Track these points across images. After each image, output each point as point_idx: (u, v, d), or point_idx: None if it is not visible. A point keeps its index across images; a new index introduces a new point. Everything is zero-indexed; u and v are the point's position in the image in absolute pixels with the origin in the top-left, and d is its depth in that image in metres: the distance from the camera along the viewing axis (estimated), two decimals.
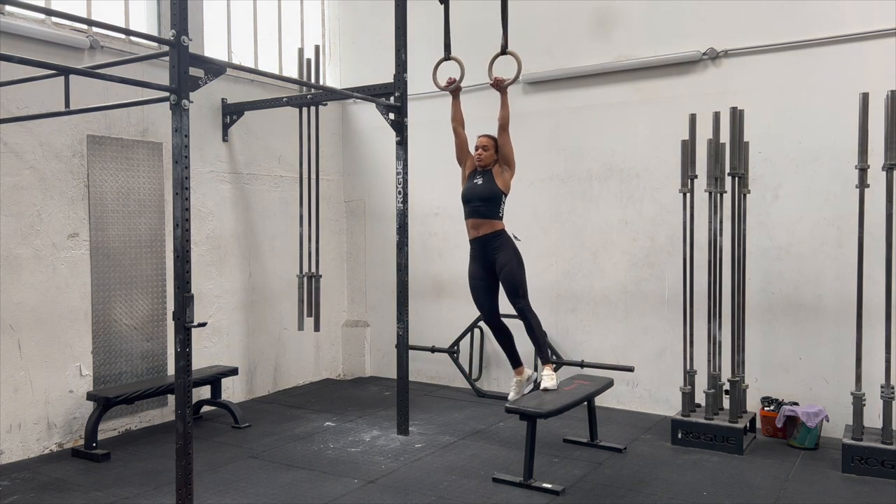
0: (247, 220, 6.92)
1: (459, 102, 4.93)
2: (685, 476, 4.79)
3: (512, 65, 4.83)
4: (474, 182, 4.72)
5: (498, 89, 4.71)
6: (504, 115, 4.64)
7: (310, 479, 4.75)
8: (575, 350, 6.69)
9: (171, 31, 3.84)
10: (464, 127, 4.94)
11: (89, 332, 5.59)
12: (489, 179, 4.65)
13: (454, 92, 4.93)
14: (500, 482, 4.67)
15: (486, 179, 4.66)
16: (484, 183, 4.66)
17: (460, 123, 4.92)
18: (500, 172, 4.67)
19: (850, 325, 5.13)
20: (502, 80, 4.69)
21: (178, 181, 3.88)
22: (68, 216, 5.45)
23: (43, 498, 4.46)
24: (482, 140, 4.76)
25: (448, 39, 4.91)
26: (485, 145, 4.72)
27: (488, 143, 4.73)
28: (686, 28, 6.09)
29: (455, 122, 4.91)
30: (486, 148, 4.71)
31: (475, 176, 4.74)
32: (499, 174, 4.67)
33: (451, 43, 4.93)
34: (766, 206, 5.80)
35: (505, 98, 4.67)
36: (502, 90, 4.69)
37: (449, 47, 4.93)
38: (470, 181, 4.77)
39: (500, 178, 4.66)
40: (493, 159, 4.70)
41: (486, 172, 4.67)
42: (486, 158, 4.68)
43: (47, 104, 5.09)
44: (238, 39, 7.09)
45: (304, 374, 7.62)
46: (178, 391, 3.92)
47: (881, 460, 4.69)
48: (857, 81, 5.27)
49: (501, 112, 4.65)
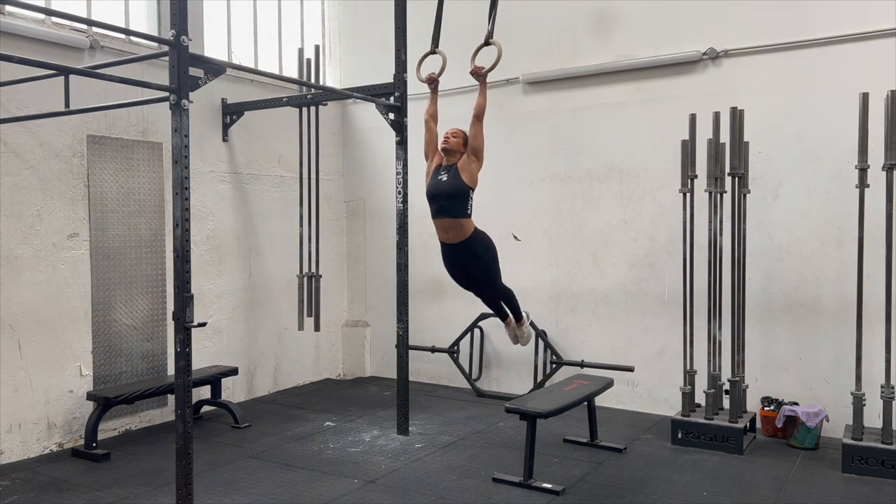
0: (247, 220, 6.92)
1: (437, 98, 4.90)
2: (685, 476, 4.79)
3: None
4: (439, 178, 4.58)
5: (477, 78, 4.65)
6: (480, 103, 4.55)
7: (310, 479, 4.75)
8: (575, 350, 6.69)
9: (171, 31, 3.85)
10: (436, 123, 4.88)
11: (89, 332, 5.59)
12: (454, 175, 4.51)
13: (433, 87, 4.90)
14: (500, 482, 4.67)
15: (451, 175, 4.52)
16: (449, 178, 4.52)
17: (434, 118, 4.85)
18: (465, 166, 4.52)
19: (850, 325, 5.13)
20: (481, 68, 4.64)
21: (178, 181, 3.88)
22: (68, 216, 5.45)
23: (43, 498, 4.46)
24: (452, 130, 4.69)
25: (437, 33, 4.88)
26: (454, 133, 4.62)
27: (458, 132, 4.65)
28: (686, 28, 6.09)
29: (428, 115, 4.84)
30: (456, 136, 4.62)
31: (440, 172, 4.60)
32: (464, 168, 4.52)
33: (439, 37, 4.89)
34: (766, 206, 5.80)
35: (483, 87, 4.61)
36: (481, 78, 4.63)
37: (437, 41, 4.89)
38: (434, 177, 4.63)
39: (465, 173, 4.51)
40: (459, 147, 4.60)
41: (451, 168, 4.53)
42: (453, 144, 4.55)
43: (47, 104, 5.09)
44: (238, 39, 7.09)
45: (304, 374, 7.62)
46: (178, 391, 3.92)
47: (881, 460, 4.69)
48: (857, 81, 5.27)
49: (478, 100, 4.56)
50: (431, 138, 4.79)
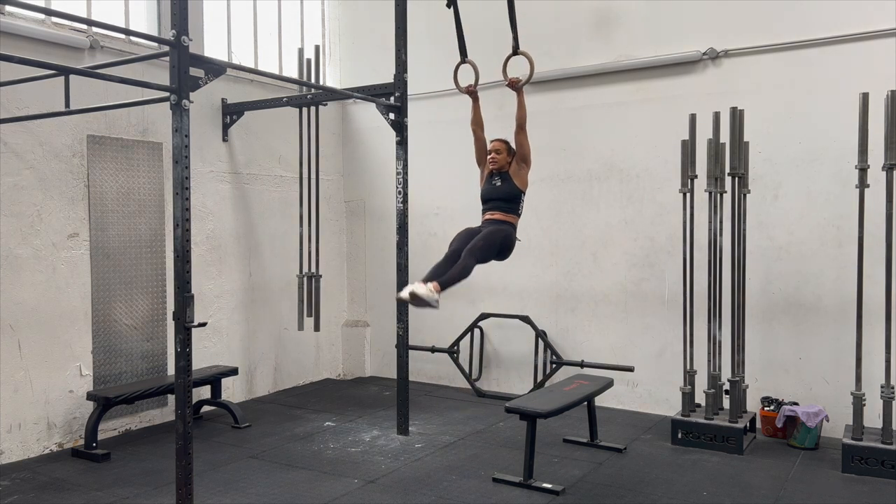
0: (247, 220, 6.92)
1: (479, 106, 4.97)
2: (685, 476, 4.79)
3: (523, 64, 4.83)
4: (493, 184, 4.81)
5: (514, 89, 4.75)
6: (521, 114, 4.72)
7: (310, 479, 4.75)
8: (575, 350, 6.69)
9: (171, 31, 3.85)
10: (483, 130, 4.97)
11: (89, 332, 5.59)
12: (507, 180, 4.77)
13: (473, 96, 4.95)
14: (500, 482, 4.67)
15: (504, 180, 4.78)
16: (503, 184, 4.77)
17: (480, 126, 4.98)
18: (516, 172, 4.79)
19: (850, 325, 5.13)
20: (517, 80, 4.74)
21: (178, 181, 3.88)
22: (68, 216, 5.45)
23: (43, 498, 4.46)
24: (495, 144, 4.85)
25: (462, 42, 4.93)
26: (497, 149, 4.81)
27: (500, 146, 4.82)
28: (686, 28, 6.09)
29: (475, 124, 4.98)
30: (499, 151, 4.80)
31: (493, 177, 4.82)
32: (516, 174, 4.78)
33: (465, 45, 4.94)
34: (766, 206, 5.80)
35: (521, 98, 4.73)
36: (518, 90, 4.73)
37: (464, 50, 4.95)
38: (488, 182, 4.85)
39: (517, 178, 4.78)
40: (506, 161, 4.78)
41: (503, 174, 4.78)
42: (500, 161, 4.78)
43: (47, 104, 5.09)
44: (238, 39, 7.09)
45: (304, 374, 7.62)
46: (178, 391, 3.92)
47: (881, 460, 4.69)
48: (857, 81, 5.27)
49: (518, 112, 4.72)
50: (480, 146, 4.98)
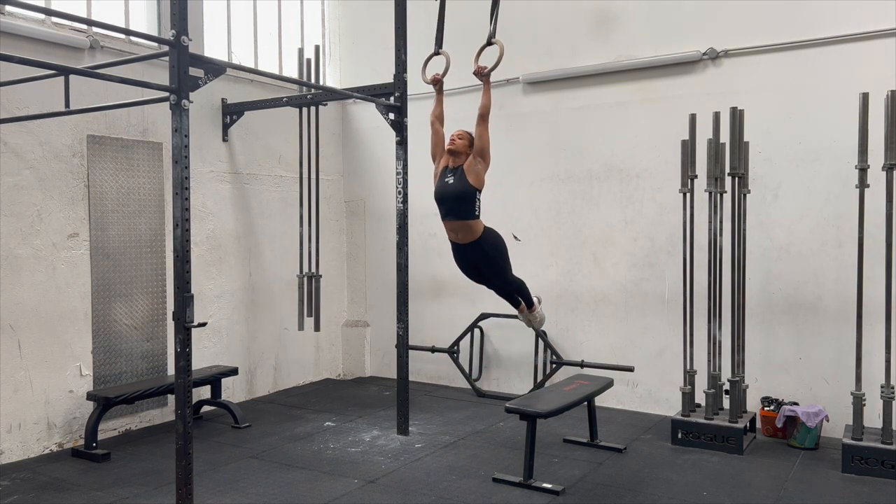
0: (247, 220, 6.92)
1: (442, 98, 4.90)
2: (685, 476, 4.79)
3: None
4: (445, 181, 4.60)
5: (480, 77, 4.66)
6: (485, 102, 4.57)
7: (310, 479, 4.75)
8: (575, 350, 6.68)
9: (171, 31, 3.85)
10: (443, 125, 4.89)
11: (89, 332, 5.59)
12: (460, 177, 4.53)
13: (438, 86, 4.90)
14: (500, 482, 4.67)
15: (458, 177, 4.54)
16: (455, 181, 4.53)
17: (440, 120, 4.85)
18: (471, 167, 4.53)
19: (850, 325, 5.13)
20: (483, 68, 4.64)
21: (178, 181, 3.88)
22: (68, 216, 5.45)
23: (43, 498, 4.46)
24: (458, 132, 4.70)
25: (440, 33, 4.88)
26: (460, 135, 4.65)
27: (464, 134, 4.67)
28: (686, 28, 6.09)
29: (434, 116, 4.84)
30: (462, 137, 4.63)
31: (446, 174, 4.62)
32: (470, 169, 4.53)
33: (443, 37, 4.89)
34: (766, 206, 5.80)
35: (487, 86, 4.62)
36: (485, 77, 4.64)
37: (440, 41, 4.89)
38: (441, 179, 4.65)
39: (471, 174, 4.52)
40: (465, 149, 4.61)
41: (458, 170, 4.55)
42: (458, 146, 4.56)
43: (47, 104, 5.09)
44: (238, 39, 7.09)
45: (304, 374, 7.62)
46: (178, 391, 3.92)
47: (881, 460, 4.69)
48: (857, 81, 5.27)
49: (483, 100, 4.57)
50: (438, 140, 4.78)
